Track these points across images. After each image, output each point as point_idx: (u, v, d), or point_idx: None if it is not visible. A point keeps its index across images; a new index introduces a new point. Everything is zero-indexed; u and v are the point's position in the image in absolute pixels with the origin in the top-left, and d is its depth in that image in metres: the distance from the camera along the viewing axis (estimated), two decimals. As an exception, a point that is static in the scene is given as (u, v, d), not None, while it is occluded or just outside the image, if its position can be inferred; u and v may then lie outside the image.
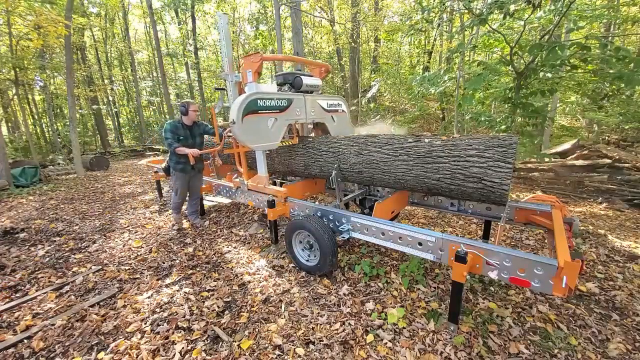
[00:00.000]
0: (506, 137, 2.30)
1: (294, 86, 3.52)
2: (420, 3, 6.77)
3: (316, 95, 3.69)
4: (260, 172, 3.35)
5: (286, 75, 3.56)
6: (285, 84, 3.59)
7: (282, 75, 3.59)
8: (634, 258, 3.13)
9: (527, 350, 1.97)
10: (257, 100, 2.95)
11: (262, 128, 3.05)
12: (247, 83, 3.19)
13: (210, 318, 2.34)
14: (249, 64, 3.15)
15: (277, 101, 3.14)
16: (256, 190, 3.44)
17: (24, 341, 2.16)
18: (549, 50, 4.16)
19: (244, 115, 2.86)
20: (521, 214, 2.69)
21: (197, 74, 15.61)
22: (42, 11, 7.67)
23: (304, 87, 3.47)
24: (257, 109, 2.96)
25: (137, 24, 20.51)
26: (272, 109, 3.10)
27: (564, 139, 8.70)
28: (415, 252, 2.29)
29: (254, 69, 3.12)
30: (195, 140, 3.86)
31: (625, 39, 9.85)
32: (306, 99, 3.47)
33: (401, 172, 2.71)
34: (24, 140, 12.33)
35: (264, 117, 3.04)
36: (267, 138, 3.11)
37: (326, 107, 3.78)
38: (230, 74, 3.29)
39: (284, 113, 3.22)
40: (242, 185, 3.59)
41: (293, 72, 3.55)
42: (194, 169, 3.92)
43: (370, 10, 14.41)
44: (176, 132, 3.70)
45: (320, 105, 3.69)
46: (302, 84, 3.45)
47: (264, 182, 3.33)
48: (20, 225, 4.52)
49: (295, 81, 3.50)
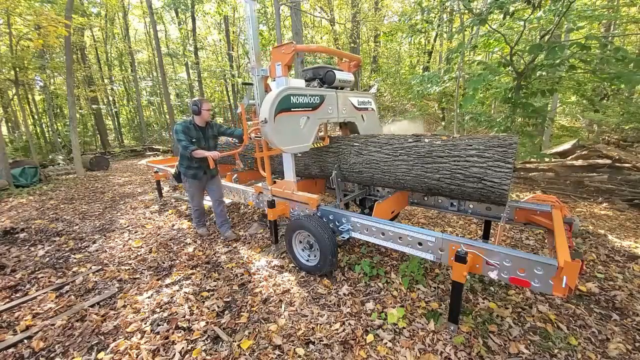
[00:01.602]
0: (506, 137, 2.30)
1: (326, 81, 3.19)
2: (420, 3, 6.78)
3: (347, 92, 3.38)
4: (288, 177, 3.06)
5: (316, 70, 3.23)
6: (314, 79, 3.25)
7: (311, 70, 3.27)
8: (634, 258, 3.13)
9: (527, 350, 1.97)
10: (290, 96, 2.65)
11: (295, 128, 2.76)
12: (277, 77, 2.85)
13: (210, 318, 2.34)
14: (278, 55, 2.79)
15: (310, 98, 2.83)
16: (282, 196, 3.14)
17: (24, 341, 2.16)
18: (548, 50, 4.16)
19: (277, 113, 2.56)
20: (521, 214, 2.69)
21: (197, 74, 15.60)
22: (42, 11, 7.67)
23: (336, 82, 3.16)
24: (290, 106, 2.66)
25: (137, 24, 20.51)
26: (304, 107, 2.80)
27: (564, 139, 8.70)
28: (415, 252, 2.29)
29: (285, 61, 2.77)
30: (208, 143, 3.48)
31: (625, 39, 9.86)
32: (338, 95, 3.17)
33: (401, 172, 2.71)
34: (24, 140, 12.32)
35: (296, 116, 2.75)
36: (299, 139, 2.82)
37: (357, 105, 3.46)
38: (257, 68, 2.95)
39: (317, 111, 2.92)
40: (265, 190, 3.30)
41: (324, 66, 3.23)
42: (206, 174, 3.54)
43: (370, 10, 14.42)
44: (188, 134, 3.29)
45: (351, 103, 3.37)
46: (334, 79, 3.13)
47: (292, 187, 3.03)
48: (20, 225, 4.52)
49: (327, 76, 3.16)
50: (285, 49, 2.74)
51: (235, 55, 17.96)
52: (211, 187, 3.69)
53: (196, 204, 3.73)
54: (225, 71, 17.60)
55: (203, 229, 3.92)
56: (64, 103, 14.56)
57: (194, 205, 3.76)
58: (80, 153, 9.41)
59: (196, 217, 3.87)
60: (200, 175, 3.50)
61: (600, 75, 4.33)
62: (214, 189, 3.71)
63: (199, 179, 3.52)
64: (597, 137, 9.43)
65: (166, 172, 5.17)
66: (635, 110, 7.53)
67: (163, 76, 11.13)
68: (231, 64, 17.58)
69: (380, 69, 14.18)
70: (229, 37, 17.25)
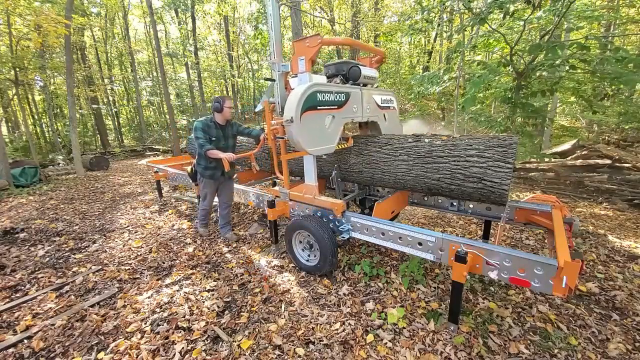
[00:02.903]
0: (506, 137, 2.30)
1: (350, 78, 2.99)
2: (420, 3, 6.78)
3: (371, 89, 3.21)
4: (310, 181, 2.87)
5: (339, 65, 3.03)
6: (336, 75, 3.04)
7: (334, 65, 3.07)
8: (634, 258, 3.13)
9: (527, 350, 1.97)
10: (316, 93, 2.45)
11: (320, 128, 2.57)
12: (299, 73, 2.67)
13: (210, 318, 2.34)
14: (302, 49, 2.60)
15: (336, 95, 2.65)
16: (302, 201, 2.96)
17: (24, 341, 2.16)
18: (548, 50, 4.16)
19: (303, 112, 2.37)
20: (521, 214, 2.69)
21: (197, 74, 15.60)
22: (42, 11, 7.67)
23: (361, 79, 2.97)
24: (316, 104, 2.47)
25: (137, 24, 20.52)
26: (330, 105, 2.61)
27: (564, 139, 8.71)
28: (415, 252, 2.29)
29: (309, 55, 2.57)
30: (228, 143, 3.36)
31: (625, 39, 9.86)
32: (363, 93, 2.98)
33: (401, 172, 2.71)
34: (24, 140, 12.33)
35: (322, 115, 2.56)
36: (324, 140, 2.62)
37: (380, 104, 3.26)
38: (278, 62, 2.75)
39: (342, 110, 2.73)
40: (283, 194, 3.12)
41: (347, 61, 3.03)
42: (224, 175, 3.43)
43: (370, 11, 14.42)
44: (208, 132, 3.17)
45: (375, 101, 3.18)
46: (360, 75, 2.94)
47: (314, 192, 2.83)
48: (20, 225, 4.52)
49: (352, 72, 2.96)
50: (310, 41, 2.55)
51: (235, 55, 17.96)
52: (224, 188, 3.61)
53: (206, 204, 3.64)
54: (225, 71, 17.60)
55: (204, 229, 3.88)
56: (64, 103, 14.56)
57: (203, 205, 3.66)
58: (80, 153, 9.40)
59: (201, 216, 3.80)
60: (217, 175, 3.40)
61: (600, 75, 4.33)
62: (225, 192, 3.63)
63: (215, 179, 3.43)
64: (597, 137, 9.43)
65: (166, 172, 5.17)
66: (635, 110, 7.53)
67: (163, 76, 11.12)
68: (231, 64, 17.58)
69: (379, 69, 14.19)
70: (229, 37, 17.25)
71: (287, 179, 3.05)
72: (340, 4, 14.84)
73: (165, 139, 17.11)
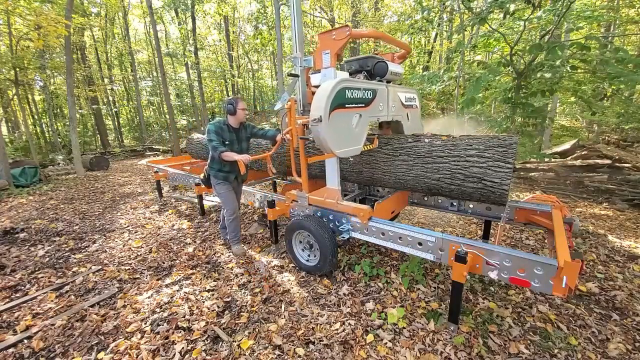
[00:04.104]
0: (506, 137, 2.30)
1: (376, 74, 2.78)
2: (420, 3, 6.78)
3: (396, 86, 3.02)
4: (332, 184, 2.69)
5: (363, 61, 2.82)
6: (360, 71, 2.84)
7: (357, 61, 2.87)
8: (634, 258, 3.13)
9: (527, 350, 1.97)
10: (345, 90, 2.28)
11: (347, 127, 2.40)
12: (324, 68, 2.49)
13: (210, 318, 2.34)
14: (327, 42, 2.42)
15: (364, 92, 2.47)
16: (323, 206, 2.78)
17: (24, 341, 2.16)
18: (548, 51, 4.16)
19: (332, 110, 2.20)
20: (521, 214, 2.69)
21: (197, 74, 15.60)
22: (42, 11, 7.67)
23: (388, 75, 2.76)
24: (344, 102, 2.30)
25: (137, 24, 20.52)
26: (358, 103, 2.43)
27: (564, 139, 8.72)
28: (415, 252, 2.29)
29: (335, 49, 2.39)
30: (241, 146, 3.17)
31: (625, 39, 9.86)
32: (389, 90, 2.79)
33: (401, 172, 2.71)
34: (24, 140, 12.33)
35: (350, 113, 2.39)
36: (351, 141, 2.44)
37: (404, 102, 3.07)
38: (300, 57, 2.59)
39: (369, 108, 2.55)
40: (301, 199, 2.93)
41: (372, 56, 2.82)
42: (237, 178, 3.25)
43: (370, 10, 14.42)
44: (221, 135, 3.00)
45: (399, 99, 2.99)
46: (386, 71, 2.72)
47: (336, 196, 2.65)
48: (20, 225, 4.52)
49: (378, 68, 2.75)
50: (338, 33, 2.35)
51: (235, 55, 17.95)
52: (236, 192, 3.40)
53: (231, 210, 3.23)
54: (225, 71, 17.59)
55: (238, 247, 3.37)
56: (64, 103, 14.56)
57: (228, 212, 3.25)
58: (80, 153, 9.40)
59: (232, 230, 3.33)
60: (231, 178, 3.21)
61: (601, 75, 4.33)
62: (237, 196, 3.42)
63: (229, 182, 3.23)
64: (597, 137, 9.43)
65: (166, 172, 5.17)
66: (635, 110, 7.53)
67: (163, 76, 11.12)
68: (231, 64, 17.58)
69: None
70: (229, 37, 17.24)
71: (307, 183, 2.91)
72: (340, 4, 14.83)
73: (165, 139, 17.11)
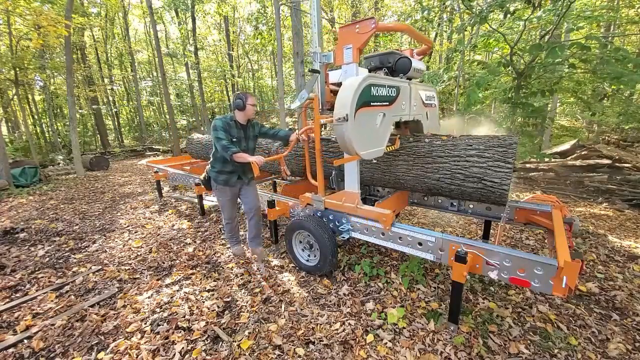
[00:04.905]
0: (506, 137, 2.30)
1: (397, 71, 2.61)
2: (420, 2, 6.78)
3: (417, 84, 2.87)
4: (352, 188, 2.56)
5: (384, 57, 2.65)
6: (380, 68, 2.67)
7: (377, 57, 2.70)
8: (634, 258, 3.13)
9: (527, 350, 1.97)
10: (371, 87, 2.14)
11: (372, 127, 2.25)
12: (345, 64, 2.37)
13: (210, 318, 2.34)
14: (350, 36, 2.27)
15: (388, 90, 2.32)
16: (341, 211, 2.64)
17: (24, 341, 2.16)
18: (548, 51, 4.16)
19: (358, 108, 2.05)
20: (521, 214, 2.69)
21: (197, 74, 15.61)
22: (42, 11, 7.67)
23: (411, 72, 2.59)
24: (370, 99, 2.15)
25: (137, 24, 20.51)
26: (382, 101, 2.28)
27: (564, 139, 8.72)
28: (415, 252, 2.29)
29: (358, 43, 2.25)
30: (248, 145, 2.95)
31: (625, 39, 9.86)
32: (411, 87, 2.66)
33: (401, 172, 2.71)
34: (24, 140, 12.33)
35: (374, 113, 2.24)
36: (375, 141, 2.29)
37: (424, 100, 2.93)
38: (320, 53, 2.44)
39: (392, 107, 2.40)
40: (317, 202, 2.78)
41: (393, 52, 2.67)
42: (241, 179, 3.00)
43: (370, 10, 14.42)
44: (229, 132, 2.77)
45: (420, 97, 2.86)
46: (410, 67, 2.55)
47: (355, 200, 2.52)
48: (20, 225, 4.52)
49: (401, 64, 2.57)
50: (362, 26, 2.19)
51: (235, 55, 17.95)
52: (246, 194, 3.10)
53: (228, 215, 3.15)
54: (225, 71, 17.59)
55: (237, 248, 3.31)
56: (64, 103, 14.56)
57: (225, 217, 3.17)
58: (80, 153, 9.40)
59: (228, 232, 3.27)
60: (233, 181, 2.95)
61: (601, 75, 4.33)
62: (249, 197, 3.10)
63: (231, 186, 2.98)
64: (597, 137, 9.43)
65: (166, 172, 5.17)
66: (635, 110, 7.53)
67: (163, 76, 11.12)
68: (231, 64, 17.57)
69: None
70: (229, 37, 17.24)
71: (323, 186, 2.80)
72: (340, 4, 14.83)
73: (165, 139, 17.11)
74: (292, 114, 13.83)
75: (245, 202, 3.12)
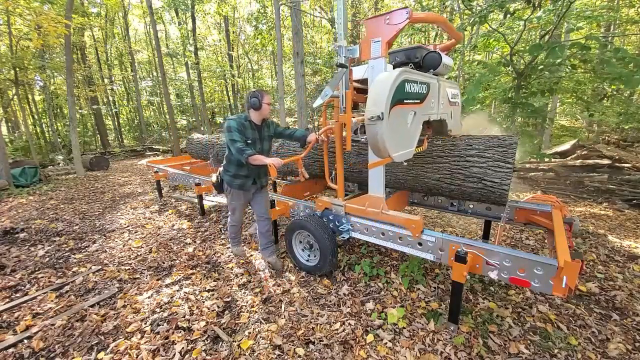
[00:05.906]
0: (506, 137, 2.31)
1: (426, 66, 2.43)
2: (420, 2, 6.78)
3: (444, 81, 2.68)
4: (376, 192, 2.41)
5: (411, 52, 2.44)
6: (407, 63, 2.46)
7: (403, 52, 2.49)
8: (634, 258, 3.13)
9: (527, 350, 1.97)
10: (405, 83, 1.94)
11: (403, 127, 2.07)
12: (372, 59, 2.19)
13: (210, 318, 2.34)
14: (378, 28, 2.10)
15: (420, 86, 2.13)
16: (364, 216, 2.51)
17: (24, 341, 2.16)
18: (548, 51, 4.16)
19: (392, 106, 1.85)
20: (521, 214, 2.69)
21: (197, 74, 15.60)
22: (42, 11, 7.67)
23: (440, 68, 2.41)
24: (404, 96, 1.96)
25: (137, 24, 20.50)
26: (414, 99, 2.09)
27: (564, 139, 8.72)
28: (415, 252, 2.29)
29: (388, 37, 2.07)
30: (263, 146, 2.79)
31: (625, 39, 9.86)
32: (440, 84, 2.46)
33: (401, 172, 2.71)
34: (24, 140, 12.33)
35: (407, 111, 2.05)
36: (406, 142, 2.12)
37: (450, 98, 2.74)
38: (344, 47, 2.27)
39: (423, 105, 2.21)
40: (336, 207, 2.66)
41: (421, 46, 2.48)
42: (256, 183, 2.87)
43: (370, 10, 14.42)
44: (243, 133, 2.61)
45: (447, 95, 2.68)
46: (440, 63, 2.38)
47: (380, 205, 2.39)
48: (20, 225, 4.52)
49: (429, 59, 2.40)
50: (393, 17, 2.01)
51: (235, 55, 17.94)
52: (257, 199, 2.98)
53: (236, 219, 3.10)
54: (225, 71, 17.59)
55: (238, 248, 3.30)
56: (64, 103, 14.56)
57: (232, 220, 3.12)
58: (80, 153, 9.40)
59: (232, 233, 3.24)
60: (248, 185, 2.83)
61: (600, 75, 4.34)
62: (260, 203, 2.99)
63: (246, 190, 2.86)
64: (597, 137, 9.44)
65: (166, 172, 5.17)
66: (635, 110, 7.54)
67: (163, 76, 11.12)
68: (231, 64, 17.57)
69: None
70: (229, 37, 17.23)
71: (342, 189, 2.71)
72: (340, 4, 14.81)
73: (165, 139, 17.11)
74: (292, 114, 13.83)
75: (257, 207, 3.03)
